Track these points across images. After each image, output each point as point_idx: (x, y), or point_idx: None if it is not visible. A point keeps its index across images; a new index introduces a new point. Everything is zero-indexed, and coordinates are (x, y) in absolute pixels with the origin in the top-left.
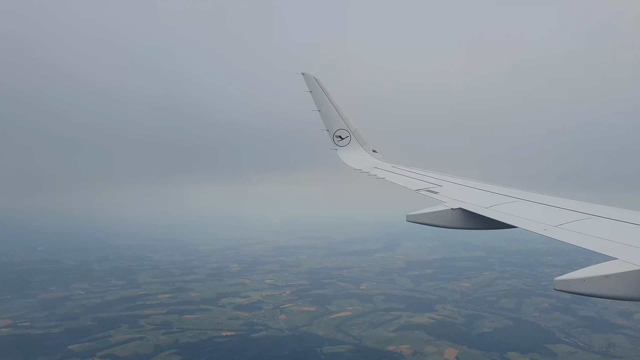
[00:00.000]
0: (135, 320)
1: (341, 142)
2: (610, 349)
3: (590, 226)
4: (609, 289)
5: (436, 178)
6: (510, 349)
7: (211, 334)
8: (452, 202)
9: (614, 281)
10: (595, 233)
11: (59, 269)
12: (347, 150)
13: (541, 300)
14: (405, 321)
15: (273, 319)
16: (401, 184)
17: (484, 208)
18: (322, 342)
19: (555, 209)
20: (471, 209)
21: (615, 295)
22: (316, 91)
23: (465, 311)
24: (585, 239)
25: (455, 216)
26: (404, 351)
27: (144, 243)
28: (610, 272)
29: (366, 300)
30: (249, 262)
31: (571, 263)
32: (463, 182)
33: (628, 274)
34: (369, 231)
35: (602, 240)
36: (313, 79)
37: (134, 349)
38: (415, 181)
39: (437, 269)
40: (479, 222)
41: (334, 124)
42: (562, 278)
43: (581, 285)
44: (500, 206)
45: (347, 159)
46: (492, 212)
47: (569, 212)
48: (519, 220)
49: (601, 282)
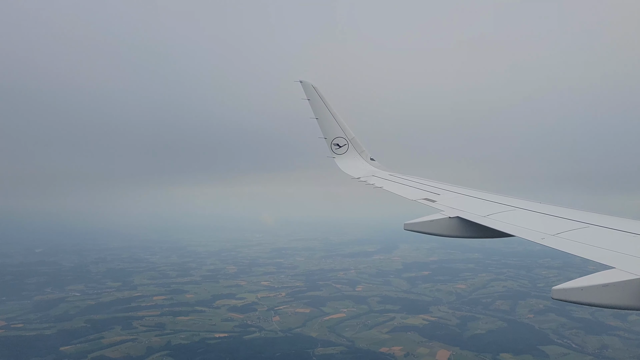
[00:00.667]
0: (129, 321)
1: (339, 150)
2: (603, 351)
3: (588, 235)
4: (607, 298)
5: (434, 186)
6: (503, 350)
7: (204, 336)
8: (450, 211)
9: (612, 290)
10: (593, 242)
11: (55, 271)
12: (345, 159)
13: (536, 302)
14: (399, 323)
15: (267, 321)
16: (399, 193)
17: (482, 217)
18: (315, 344)
19: (553, 218)
20: (469, 217)
21: (614, 304)
22: (314, 99)
23: (460, 313)
24: (583, 248)
25: (452, 225)
26: (396, 353)
27: (142, 245)
28: (609, 281)
29: (361, 302)
30: (246, 263)
31: (567, 265)
32: (461, 191)
33: (626, 283)
34: (367, 233)
35: (600, 250)
36: (311, 87)
37: (126, 350)
38: (412, 190)
39: (433, 271)
40: (477, 231)
41: (331, 132)
42: (559, 287)
43: (579, 295)
44: (497, 215)
45: (345, 167)
46: (489, 220)
47: (566, 221)
48: (517, 229)
49: (599, 292)
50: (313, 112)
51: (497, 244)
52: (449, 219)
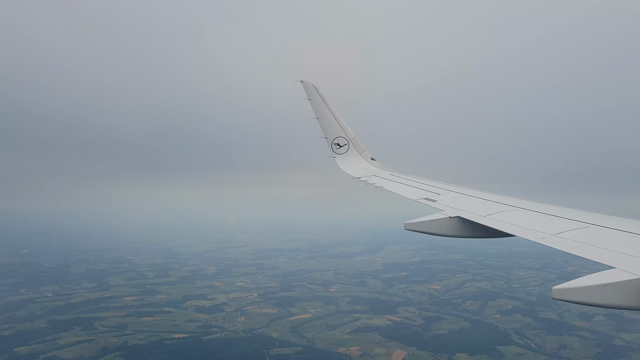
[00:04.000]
0: (91, 322)
1: (339, 149)
2: (560, 351)
3: (588, 235)
4: (607, 298)
5: (434, 186)
6: (461, 350)
7: (163, 336)
8: (450, 211)
9: (612, 290)
10: (593, 242)
11: (34, 272)
12: (346, 158)
13: (506, 302)
14: (363, 323)
15: (231, 321)
16: (399, 193)
17: (482, 216)
18: (273, 344)
19: (553, 218)
20: (469, 217)
21: (613, 304)
22: (315, 99)
23: (427, 313)
24: (583, 247)
25: (453, 225)
26: (353, 353)
27: (129, 246)
28: (608, 281)
29: (330, 303)
30: (227, 264)
31: (547, 266)
32: (461, 191)
33: (626, 283)
34: (357, 234)
35: (600, 249)
36: (312, 86)
37: (80, 351)
38: (413, 189)
39: (412, 272)
40: (477, 230)
41: (332, 132)
42: (559, 287)
43: (579, 295)
44: (498, 214)
45: (346, 167)
46: (490, 220)
47: (567, 221)
48: (517, 229)
49: (599, 292)
50: (314, 112)
51: (481, 245)
52: (449, 218)
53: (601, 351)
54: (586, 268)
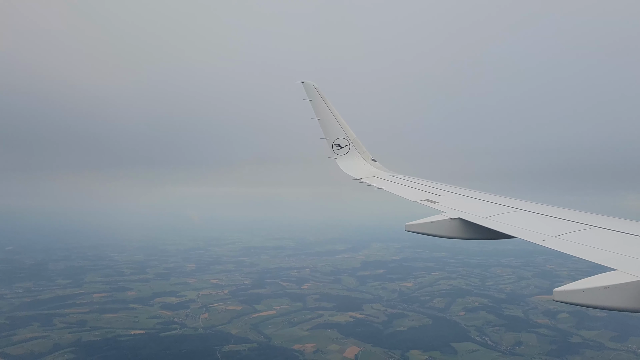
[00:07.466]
0: (50, 319)
1: (340, 150)
2: (515, 348)
3: (590, 237)
4: (609, 300)
5: (435, 188)
6: (415, 347)
7: (119, 333)
8: (451, 212)
9: (614, 292)
10: (594, 244)
11: (12, 268)
12: (346, 159)
13: (473, 299)
14: (325, 320)
15: (194, 318)
16: (400, 194)
17: (483, 218)
18: (229, 341)
19: (555, 219)
20: (470, 219)
21: (615, 306)
22: (315, 100)
23: (392, 310)
24: (584, 249)
25: (454, 226)
26: (307, 350)
27: (115, 243)
28: (610, 283)
29: (298, 300)
30: (208, 262)
31: (526, 264)
32: (462, 192)
33: (628, 285)
34: (346, 233)
35: (602, 251)
36: (312, 87)
37: (31, 347)
38: (414, 191)
39: (390, 269)
40: (478, 232)
41: (333, 133)
42: (561, 289)
43: (580, 296)
44: (499, 216)
45: (347, 168)
46: (491, 222)
47: (568, 223)
48: (518, 231)
49: (601, 293)
50: (314, 113)
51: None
52: (450, 220)
53: (555, 348)
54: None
